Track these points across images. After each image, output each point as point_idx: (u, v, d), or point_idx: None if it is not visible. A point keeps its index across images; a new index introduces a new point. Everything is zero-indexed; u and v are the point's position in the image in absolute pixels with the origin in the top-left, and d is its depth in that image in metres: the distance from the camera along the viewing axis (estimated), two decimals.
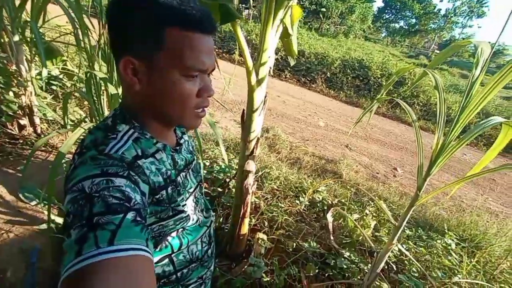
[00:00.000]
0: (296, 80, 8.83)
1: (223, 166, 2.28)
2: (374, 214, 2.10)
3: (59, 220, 1.77)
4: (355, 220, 1.90)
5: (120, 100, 1.48)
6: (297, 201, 2.15)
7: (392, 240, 1.19)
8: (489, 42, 1.00)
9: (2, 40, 1.83)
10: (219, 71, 1.65)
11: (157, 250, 0.55)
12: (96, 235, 0.34)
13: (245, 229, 1.65)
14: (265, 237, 1.77)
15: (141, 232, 0.38)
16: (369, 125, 6.05)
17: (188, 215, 0.58)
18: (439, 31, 33.36)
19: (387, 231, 1.97)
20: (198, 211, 0.65)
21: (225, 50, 9.56)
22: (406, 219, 1.16)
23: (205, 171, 2.09)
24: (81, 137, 1.41)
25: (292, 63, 1.85)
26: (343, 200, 2.27)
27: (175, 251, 0.58)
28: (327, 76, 8.98)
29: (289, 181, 2.45)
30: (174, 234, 0.57)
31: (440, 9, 33.34)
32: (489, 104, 7.74)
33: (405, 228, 2.05)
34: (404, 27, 34.41)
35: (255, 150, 1.46)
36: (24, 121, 2.30)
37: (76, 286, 0.31)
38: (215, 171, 2.20)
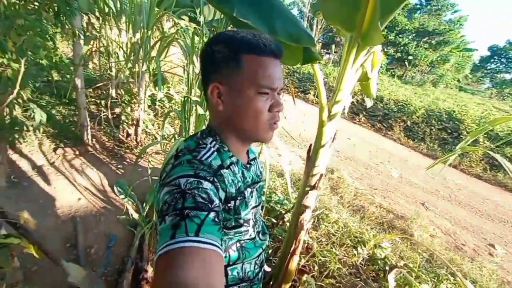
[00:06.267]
0: (371, 125, 8.39)
1: (281, 198, 2.31)
2: None
3: (135, 215, 2.08)
4: None
5: (206, 121, 1.76)
6: (355, 252, 1.96)
7: None
8: None
9: (134, 70, 2.45)
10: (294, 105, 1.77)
11: None
12: (186, 224, 0.41)
13: (293, 266, 1.59)
14: (312, 281, 1.66)
15: (218, 231, 0.44)
16: (455, 185, 5.14)
17: (247, 229, 0.61)
18: None
19: None
20: (256, 230, 0.68)
21: (301, 90, 9.99)
22: None
23: (263, 197, 2.15)
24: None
25: (369, 104, 1.84)
26: (410, 265, 1.95)
27: (231, 263, 0.60)
28: (406, 125, 8.23)
29: (348, 228, 2.27)
30: (234, 247, 0.60)
31: None
32: None
33: None
34: None
35: (317, 186, 1.45)
36: (131, 131, 2.89)
37: (169, 262, 0.39)
38: (273, 201, 2.24)
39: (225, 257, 0.59)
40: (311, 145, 1.43)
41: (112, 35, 2.75)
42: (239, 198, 0.58)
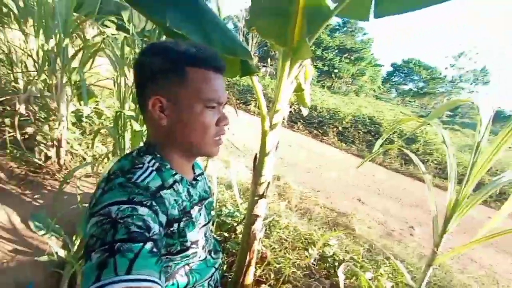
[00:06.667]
0: (308, 132, 9.10)
1: (231, 210, 2.25)
2: (389, 274, 1.93)
3: (62, 253, 1.73)
4: (368, 279, 1.74)
5: (143, 139, 1.61)
6: (307, 254, 2.04)
7: None
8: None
9: (50, 82, 2.11)
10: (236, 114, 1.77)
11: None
12: (116, 262, 0.36)
13: (249, 279, 1.55)
14: None
15: (156, 263, 0.40)
16: (380, 179, 5.93)
17: (196, 251, 0.58)
18: (447, 94, 34.58)
19: None
20: (207, 250, 0.65)
21: (242, 101, 10.22)
22: (425, 281, 1.08)
23: (213, 213, 2.07)
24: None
25: (305, 113, 1.98)
26: (355, 257, 2.12)
27: None
28: (339, 130, 9.22)
29: (298, 231, 2.35)
30: (181, 271, 0.56)
31: (446, 76, 35.22)
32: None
33: None
34: (413, 89, 36.03)
35: (265, 194, 1.47)
36: (51, 153, 2.45)
37: None
38: (223, 215, 2.17)
39: (173, 284, 0.55)
40: (256, 154, 1.44)
41: (15, 40, 2.30)
42: (184, 219, 0.54)
